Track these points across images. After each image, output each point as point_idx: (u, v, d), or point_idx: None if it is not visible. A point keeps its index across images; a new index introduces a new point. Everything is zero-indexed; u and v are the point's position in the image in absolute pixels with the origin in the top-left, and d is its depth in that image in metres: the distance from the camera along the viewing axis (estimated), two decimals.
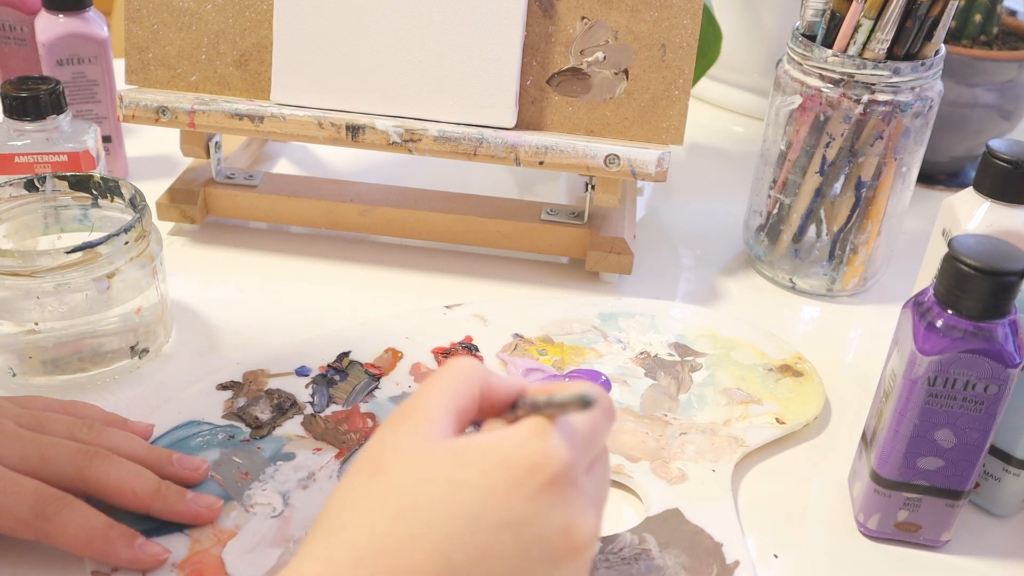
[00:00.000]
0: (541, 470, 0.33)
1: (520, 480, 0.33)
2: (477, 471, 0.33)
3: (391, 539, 0.32)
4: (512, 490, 0.33)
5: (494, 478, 0.33)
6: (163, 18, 0.65)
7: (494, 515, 0.32)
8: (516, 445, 0.34)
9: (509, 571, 0.33)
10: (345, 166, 0.82)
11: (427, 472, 0.33)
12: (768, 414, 0.56)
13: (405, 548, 0.32)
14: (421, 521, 0.32)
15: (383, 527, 0.33)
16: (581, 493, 0.34)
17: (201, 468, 0.48)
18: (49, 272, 0.51)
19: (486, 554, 0.32)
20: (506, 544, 0.32)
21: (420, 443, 0.34)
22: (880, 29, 0.59)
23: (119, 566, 0.44)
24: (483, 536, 0.32)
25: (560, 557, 0.33)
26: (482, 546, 0.32)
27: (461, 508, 0.33)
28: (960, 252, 0.43)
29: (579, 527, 0.34)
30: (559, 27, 0.63)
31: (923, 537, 0.49)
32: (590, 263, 0.67)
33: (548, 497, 0.33)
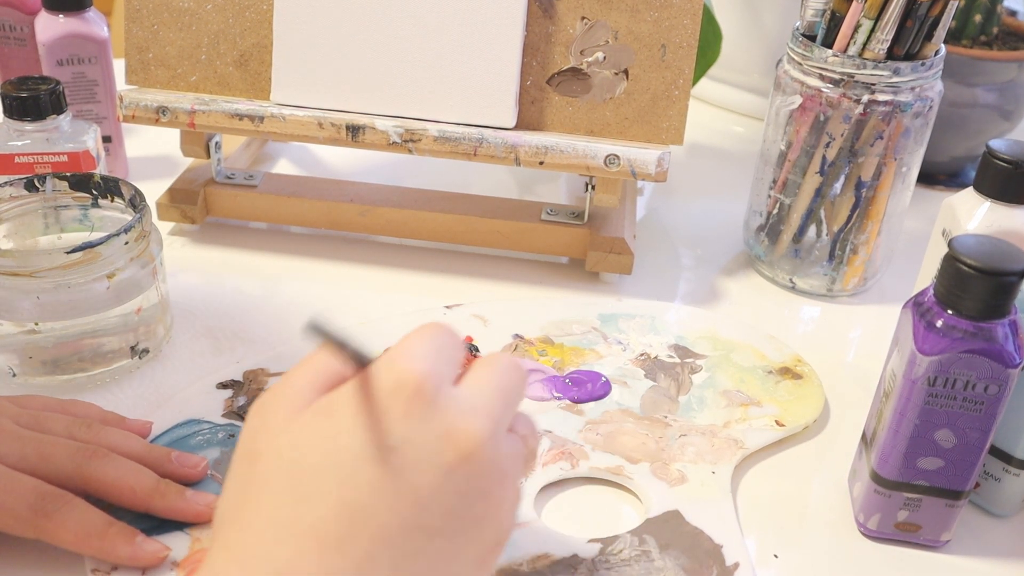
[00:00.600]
0: (402, 386, 0.33)
1: (386, 403, 0.33)
2: (345, 413, 0.33)
3: (286, 506, 0.32)
4: (383, 415, 0.33)
5: (362, 411, 0.33)
6: (163, 18, 0.65)
7: (374, 444, 0.32)
8: (372, 375, 0.34)
9: (409, 493, 0.32)
10: (345, 166, 0.82)
11: (300, 437, 0.33)
12: (768, 416, 0.56)
13: (302, 508, 0.32)
14: (309, 478, 0.32)
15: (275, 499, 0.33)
16: (452, 399, 0.34)
17: (200, 466, 0.48)
18: (49, 272, 0.51)
19: (381, 483, 0.32)
20: (395, 468, 0.32)
21: (288, 415, 0.34)
22: (880, 29, 0.59)
23: (118, 564, 0.44)
24: (371, 469, 0.32)
25: (451, 463, 0.33)
26: (374, 477, 0.32)
27: (341, 452, 0.33)
28: (960, 252, 0.43)
29: (459, 429, 0.33)
30: (559, 27, 0.63)
31: (923, 537, 0.49)
32: (590, 263, 0.67)
33: (418, 410, 0.33)
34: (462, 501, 0.34)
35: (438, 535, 0.33)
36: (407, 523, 0.32)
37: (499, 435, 0.35)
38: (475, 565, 0.35)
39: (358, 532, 0.32)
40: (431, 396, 0.33)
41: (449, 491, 0.33)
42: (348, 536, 0.32)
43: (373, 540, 0.32)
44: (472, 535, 0.34)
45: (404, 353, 0.34)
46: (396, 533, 0.32)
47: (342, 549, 0.32)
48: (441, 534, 0.33)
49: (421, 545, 0.33)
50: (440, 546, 0.33)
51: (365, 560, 0.32)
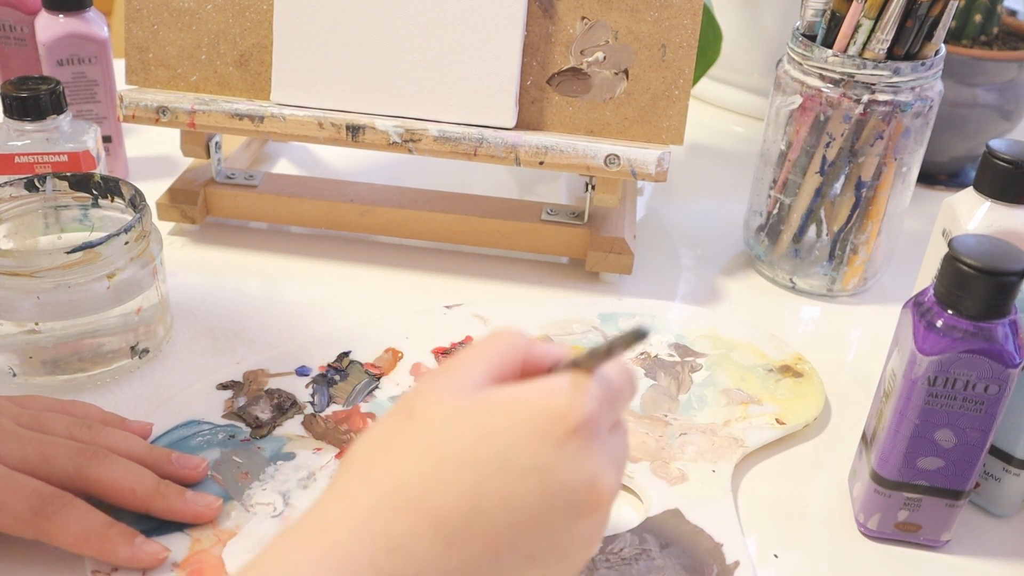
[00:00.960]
0: (568, 418, 0.33)
1: (547, 428, 0.33)
2: (506, 418, 0.33)
3: (417, 480, 0.33)
4: (539, 437, 0.33)
5: (522, 425, 0.33)
6: (163, 18, 0.65)
7: (521, 461, 0.33)
8: (545, 394, 0.34)
9: (532, 518, 0.33)
10: (345, 166, 0.82)
11: (456, 418, 0.34)
12: (768, 415, 0.56)
13: (431, 489, 0.32)
14: (448, 464, 0.33)
15: (410, 468, 0.33)
16: (605, 447, 0.35)
17: (200, 467, 0.48)
18: (49, 272, 0.51)
19: (511, 499, 0.33)
20: (531, 490, 0.33)
21: (452, 393, 0.34)
22: (880, 29, 0.59)
23: (118, 565, 0.44)
24: (509, 481, 0.33)
25: (583, 508, 0.34)
26: (508, 491, 0.33)
27: (488, 453, 0.33)
28: (960, 252, 0.43)
29: (603, 479, 0.34)
30: (559, 27, 0.63)
31: (923, 537, 0.49)
32: (590, 263, 0.67)
33: (574, 446, 0.33)
34: (573, 543, 0.34)
35: (538, 564, 0.34)
36: (518, 545, 0.33)
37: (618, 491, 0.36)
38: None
39: (472, 535, 0.32)
40: (590, 439, 0.34)
41: (567, 531, 0.34)
42: (462, 534, 0.32)
43: (482, 548, 0.32)
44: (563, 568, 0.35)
45: (583, 387, 0.34)
46: (504, 550, 0.33)
47: (452, 544, 0.32)
48: (541, 564, 0.34)
49: (520, 567, 0.33)
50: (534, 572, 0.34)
51: (468, 563, 0.32)
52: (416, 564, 0.32)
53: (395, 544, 0.32)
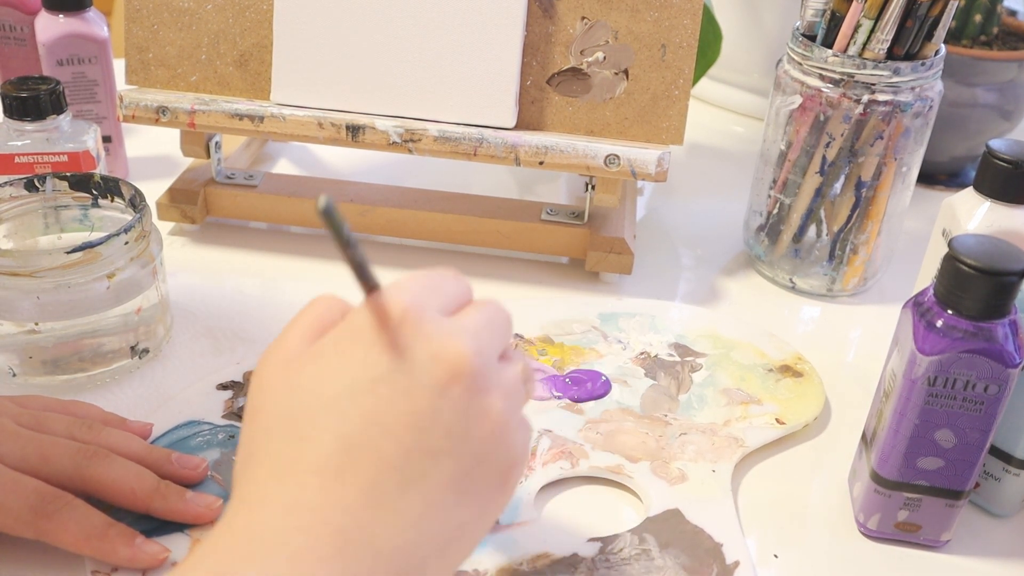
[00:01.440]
0: (384, 321, 0.34)
1: (371, 338, 0.34)
2: (334, 353, 0.34)
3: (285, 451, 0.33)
4: (369, 350, 0.33)
5: (349, 350, 0.34)
6: (163, 18, 0.65)
7: (363, 378, 0.33)
8: (357, 313, 0.35)
9: (401, 419, 0.33)
10: (345, 166, 0.82)
11: (292, 381, 0.34)
12: (768, 414, 0.56)
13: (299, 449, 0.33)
14: (303, 422, 0.33)
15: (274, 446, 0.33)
16: (438, 324, 0.34)
17: (200, 467, 0.48)
18: (49, 272, 0.51)
19: (374, 413, 0.33)
20: (387, 395, 0.33)
21: (281, 368, 0.35)
22: (880, 29, 0.59)
23: (118, 565, 0.44)
24: (363, 400, 0.33)
25: (443, 382, 0.33)
26: (367, 409, 0.33)
27: (332, 389, 0.33)
28: (960, 252, 0.43)
29: (447, 348, 0.34)
30: (559, 27, 0.63)
31: (923, 537, 0.49)
32: (590, 263, 0.67)
33: (405, 338, 0.33)
34: (462, 419, 0.34)
35: (444, 456, 0.33)
36: (407, 447, 0.33)
37: (489, 355, 0.35)
38: (492, 488, 0.35)
39: (358, 461, 0.32)
40: (416, 324, 0.34)
41: (446, 410, 0.33)
42: (348, 466, 0.32)
43: (375, 467, 0.32)
44: (482, 455, 0.34)
45: (392, 287, 0.35)
46: (397, 457, 0.33)
47: (343, 479, 0.32)
48: (447, 455, 0.33)
49: (427, 467, 0.33)
50: (449, 467, 0.33)
51: (369, 486, 0.32)
52: (319, 511, 0.32)
53: (289, 504, 0.32)
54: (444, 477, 0.33)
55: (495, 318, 0.37)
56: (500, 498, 0.36)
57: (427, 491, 0.33)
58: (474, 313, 0.37)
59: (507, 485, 0.36)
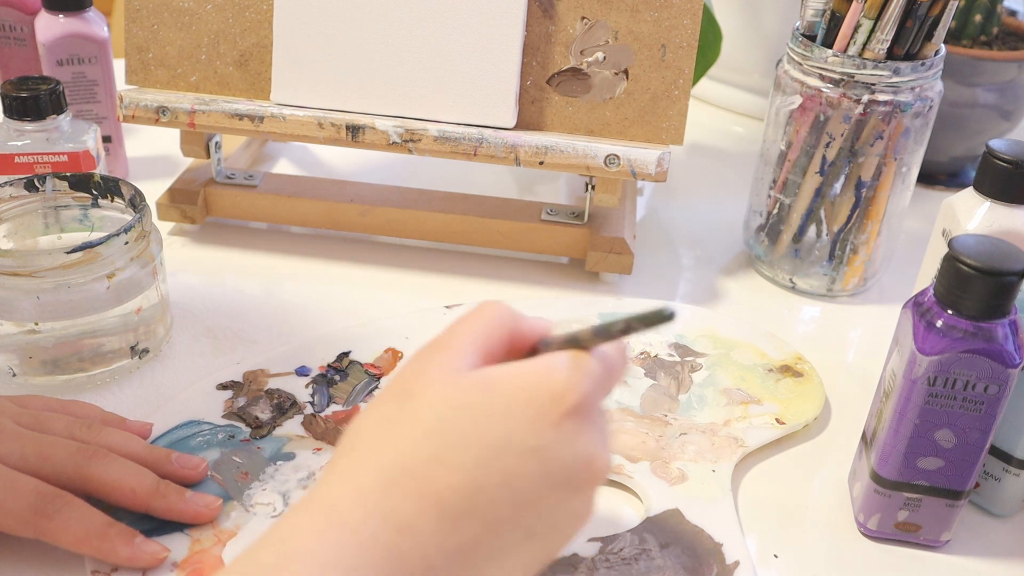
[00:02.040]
0: (565, 398, 0.34)
1: (546, 408, 0.34)
2: (504, 398, 0.34)
3: (420, 462, 0.33)
4: (538, 417, 0.34)
5: (520, 405, 0.34)
6: (163, 18, 0.65)
7: (521, 441, 0.33)
8: (543, 373, 0.34)
9: (532, 496, 0.34)
10: (345, 166, 0.82)
11: (455, 399, 0.34)
12: (768, 414, 0.56)
13: (435, 472, 0.33)
14: (450, 446, 0.33)
15: (412, 450, 0.33)
16: (600, 425, 0.35)
17: (200, 467, 0.48)
18: (49, 272, 0.51)
19: (512, 478, 0.33)
20: (531, 469, 0.33)
21: (448, 372, 0.35)
22: (880, 29, 0.59)
23: (118, 565, 0.44)
24: (510, 461, 0.33)
25: (579, 485, 0.34)
26: (509, 470, 0.33)
27: (488, 434, 0.33)
28: (960, 252, 0.43)
29: (599, 456, 0.35)
30: (559, 27, 0.63)
31: (923, 537, 0.49)
32: (590, 263, 0.67)
33: (571, 425, 0.34)
34: (570, 520, 0.35)
35: (536, 540, 0.34)
36: (519, 522, 0.34)
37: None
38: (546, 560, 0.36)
39: (476, 514, 0.33)
40: (586, 417, 0.35)
41: (565, 509, 0.35)
42: (466, 514, 0.33)
43: (485, 527, 0.33)
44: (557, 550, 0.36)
45: (581, 366, 0.35)
46: (505, 528, 0.33)
47: (457, 524, 0.33)
48: (538, 540, 0.35)
49: (520, 543, 0.34)
50: (533, 550, 0.35)
51: (471, 541, 0.33)
52: (422, 544, 0.32)
53: (402, 525, 0.32)
54: (526, 555, 0.35)
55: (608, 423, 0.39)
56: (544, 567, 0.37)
57: (509, 563, 0.34)
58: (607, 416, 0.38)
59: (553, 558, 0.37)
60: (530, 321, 0.37)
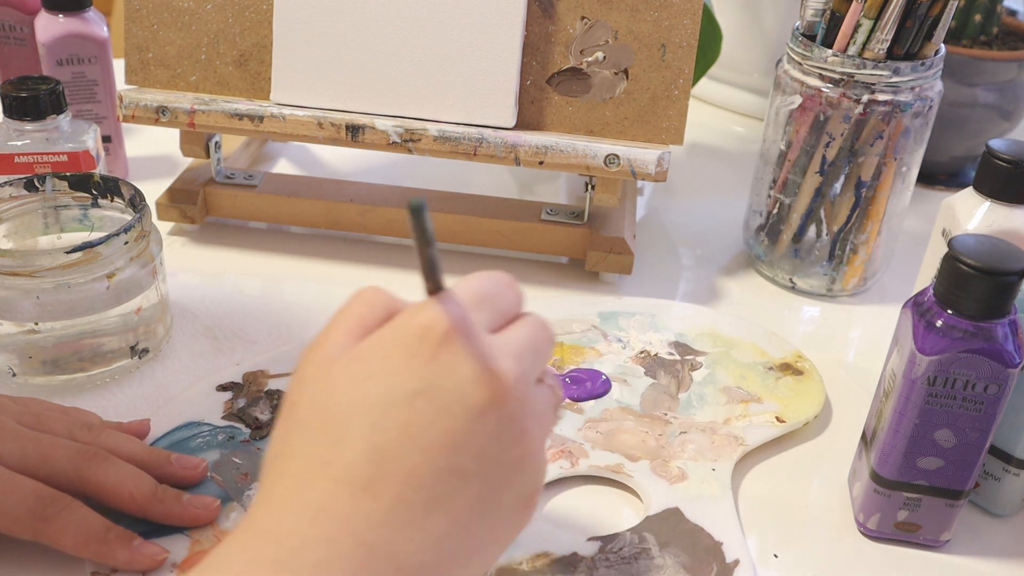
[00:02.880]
0: (430, 331, 0.33)
1: (415, 349, 0.33)
2: (376, 357, 0.34)
3: (317, 453, 0.33)
4: (411, 360, 0.33)
5: (392, 357, 0.33)
6: (163, 18, 0.65)
7: (403, 388, 0.33)
8: (403, 320, 0.34)
9: (439, 437, 0.33)
10: (345, 166, 0.82)
11: (331, 383, 0.34)
12: (768, 413, 0.56)
13: (332, 453, 0.32)
14: (338, 424, 0.33)
15: (307, 445, 0.33)
16: (480, 344, 0.34)
17: (200, 467, 0.48)
18: (49, 272, 0.51)
19: (409, 427, 0.32)
20: (423, 411, 0.33)
21: (323, 365, 0.35)
22: (880, 29, 0.59)
23: (117, 567, 0.44)
24: (400, 412, 0.33)
25: (481, 405, 0.33)
26: (402, 421, 0.32)
27: (371, 395, 0.33)
28: (960, 252, 0.43)
29: (489, 372, 0.33)
30: (559, 27, 0.63)
31: (923, 537, 0.49)
32: (590, 263, 0.67)
33: (447, 356, 0.33)
34: (495, 444, 0.33)
35: (474, 478, 0.33)
36: (438, 466, 0.32)
37: (529, 381, 0.35)
38: (515, 511, 0.35)
39: (388, 475, 0.32)
40: (460, 342, 0.33)
41: (480, 433, 0.33)
42: (378, 479, 0.32)
43: (404, 483, 0.32)
44: (509, 479, 0.34)
45: (448, 294, 0.35)
46: (427, 476, 0.32)
47: (373, 491, 0.32)
48: (477, 477, 0.33)
49: (455, 488, 0.33)
50: (476, 489, 0.33)
51: (397, 502, 0.32)
52: (345, 521, 0.31)
53: (317, 511, 0.32)
54: (470, 499, 0.33)
55: (539, 338, 0.37)
56: (522, 520, 0.36)
57: (453, 511, 0.33)
58: (519, 331, 0.36)
59: (529, 508, 0.36)
60: (406, 303, 0.37)
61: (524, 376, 0.35)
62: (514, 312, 0.38)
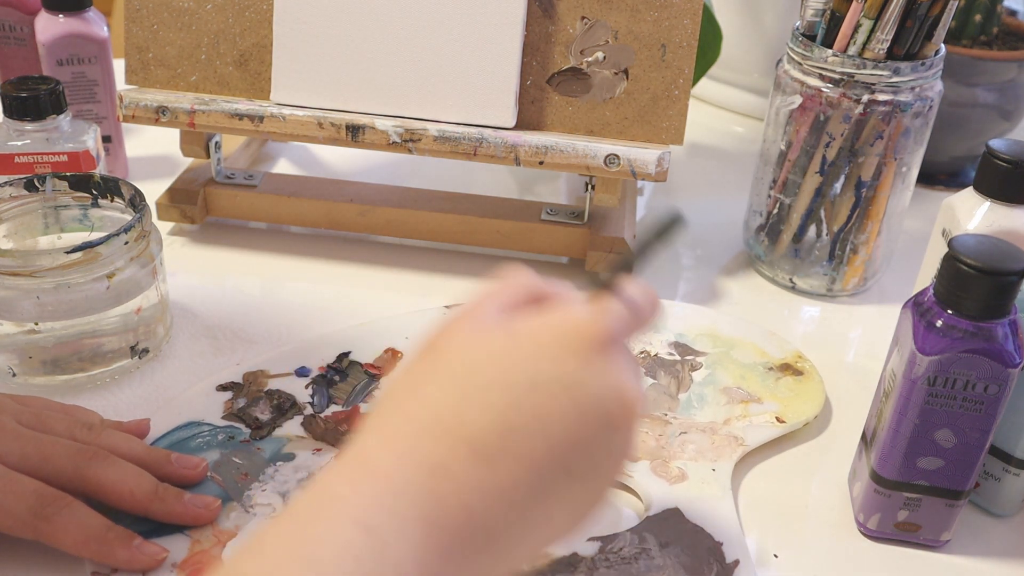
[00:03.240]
0: (590, 333, 0.34)
1: (573, 345, 0.34)
2: (529, 340, 0.34)
3: (448, 407, 0.33)
4: (566, 355, 0.34)
5: (547, 345, 0.34)
6: (163, 18, 0.65)
7: (550, 379, 0.33)
8: (567, 313, 0.35)
9: (567, 433, 0.33)
10: (345, 166, 0.82)
11: (481, 347, 0.34)
12: (768, 413, 0.56)
13: (465, 416, 0.33)
14: (478, 387, 0.33)
15: (440, 397, 0.33)
16: (629, 359, 0.36)
17: (200, 467, 0.48)
18: (49, 272, 0.51)
19: (544, 415, 0.33)
20: (562, 405, 0.33)
21: (473, 327, 0.35)
22: (880, 29, 0.59)
23: (117, 567, 0.44)
24: (540, 398, 0.33)
25: (614, 419, 0.34)
26: (540, 407, 0.33)
27: (517, 376, 0.33)
28: (960, 252, 0.43)
29: (630, 389, 0.35)
30: (559, 27, 0.63)
31: (923, 537, 0.49)
32: (590, 263, 0.67)
33: (599, 360, 0.34)
34: (609, 458, 0.35)
35: (578, 481, 0.34)
36: (558, 460, 0.33)
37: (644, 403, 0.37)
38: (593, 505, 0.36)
39: (511, 454, 0.33)
40: (615, 351, 0.35)
41: (603, 444, 0.34)
42: (501, 454, 0.32)
43: (522, 466, 0.33)
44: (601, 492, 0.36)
45: (604, 303, 0.36)
46: (545, 466, 0.33)
47: (492, 464, 0.32)
48: (581, 481, 0.34)
49: (560, 483, 0.34)
50: (576, 492, 0.34)
51: (509, 480, 0.33)
52: (458, 483, 0.32)
53: (436, 467, 0.32)
54: (569, 498, 0.34)
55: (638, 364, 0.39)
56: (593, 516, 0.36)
57: (550, 506, 0.34)
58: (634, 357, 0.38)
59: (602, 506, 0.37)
60: (554, 285, 0.38)
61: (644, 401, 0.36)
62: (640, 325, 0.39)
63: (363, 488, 0.31)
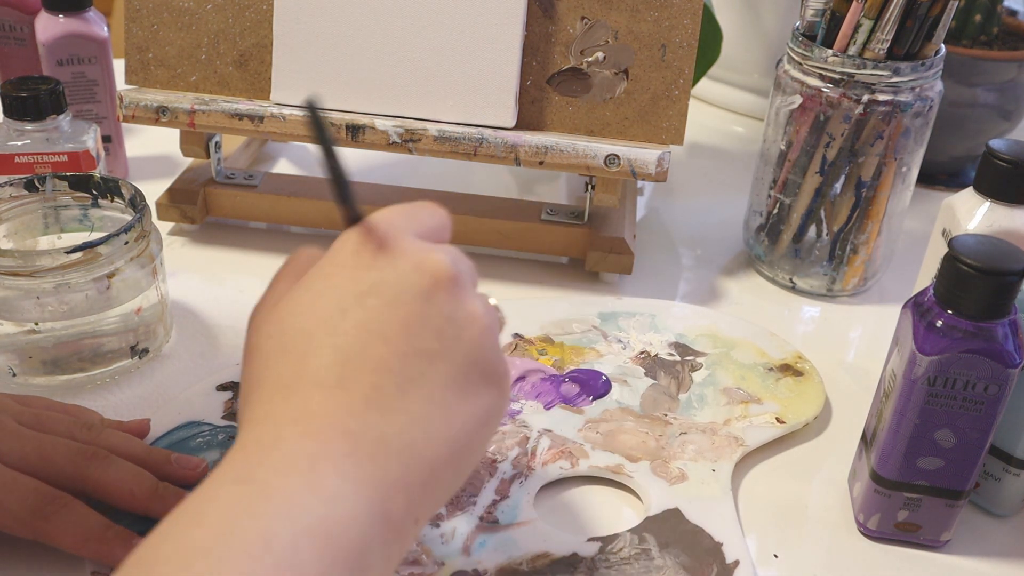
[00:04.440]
0: (363, 244, 0.36)
1: (354, 261, 0.36)
2: (319, 280, 0.36)
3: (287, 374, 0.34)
4: (353, 271, 0.35)
5: (334, 275, 0.36)
6: (163, 18, 0.65)
7: (351, 294, 0.35)
8: (336, 246, 0.37)
9: (396, 325, 0.34)
10: (345, 166, 0.82)
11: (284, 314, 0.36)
12: (768, 413, 0.56)
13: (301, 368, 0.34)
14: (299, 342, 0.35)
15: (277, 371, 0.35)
16: (412, 239, 0.37)
17: (200, 467, 0.48)
18: (49, 272, 0.51)
19: (366, 323, 0.34)
20: (376, 306, 0.34)
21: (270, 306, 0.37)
22: (880, 29, 0.59)
23: (117, 567, 0.44)
24: (354, 314, 0.34)
25: (427, 288, 0.35)
26: (359, 320, 0.34)
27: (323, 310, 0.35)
28: (960, 252, 0.43)
29: (427, 259, 0.36)
30: (559, 27, 0.63)
31: (923, 537, 0.49)
32: (590, 263, 0.67)
33: (383, 257, 0.35)
34: (451, 324, 0.35)
35: (438, 357, 0.35)
36: (402, 350, 0.34)
37: (466, 271, 0.37)
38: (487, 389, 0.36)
39: (357, 369, 0.34)
40: (395, 243, 0.36)
41: (434, 314, 0.35)
42: (348, 374, 0.33)
43: (373, 372, 0.34)
44: (474, 356, 0.36)
45: (363, 224, 0.37)
46: (394, 361, 0.34)
47: (345, 386, 0.33)
48: (441, 356, 0.35)
49: (423, 368, 0.34)
50: (444, 367, 0.35)
51: (371, 390, 0.33)
52: (326, 416, 0.33)
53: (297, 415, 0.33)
54: (441, 377, 0.35)
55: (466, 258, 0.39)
56: (498, 403, 0.37)
57: (426, 390, 0.34)
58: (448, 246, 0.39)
59: (503, 389, 0.37)
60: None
61: (458, 263, 0.37)
62: (443, 236, 0.40)
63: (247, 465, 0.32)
